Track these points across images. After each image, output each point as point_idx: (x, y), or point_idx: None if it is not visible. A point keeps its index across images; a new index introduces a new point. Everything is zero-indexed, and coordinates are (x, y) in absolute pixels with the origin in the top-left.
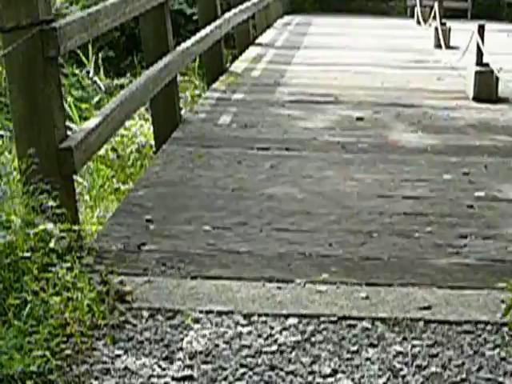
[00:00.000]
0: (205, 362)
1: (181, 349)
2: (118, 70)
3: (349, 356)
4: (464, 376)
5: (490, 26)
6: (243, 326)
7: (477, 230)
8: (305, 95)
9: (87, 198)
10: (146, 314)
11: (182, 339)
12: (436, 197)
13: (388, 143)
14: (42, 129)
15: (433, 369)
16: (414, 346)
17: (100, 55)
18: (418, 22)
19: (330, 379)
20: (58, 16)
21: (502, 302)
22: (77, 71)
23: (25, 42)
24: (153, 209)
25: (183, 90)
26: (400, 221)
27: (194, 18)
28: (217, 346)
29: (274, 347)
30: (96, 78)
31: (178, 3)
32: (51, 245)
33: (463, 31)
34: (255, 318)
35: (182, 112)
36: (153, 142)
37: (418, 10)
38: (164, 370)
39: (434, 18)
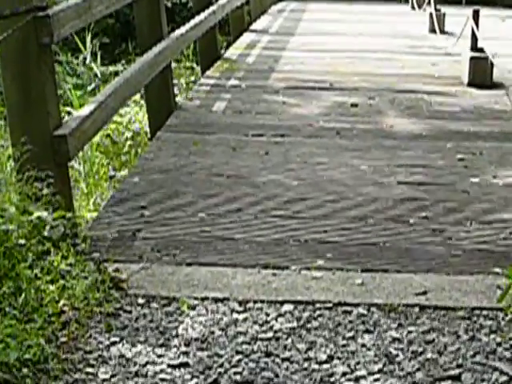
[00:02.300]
0: (200, 349)
1: (176, 336)
2: (113, 56)
3: (344, 342)
4: (460, 361)
5: (484, 12)
6: (239, 312)
7: (472, 215)
8: (299, 81)
9: (83, 185)
10: (141, 301)
11: (177, 326)
12: (431, 182)
13: (383, 129)
14: (36, 116)
15: (428, 355)
16: (409, 332)
17: (94, 42)
18: (413, 8)
19: (326, 365)
20: (51, 2)
21: (498, 287)
22: (71, 58)
23: (18, 29)
24: (148, 196)
25: (178, 77)
26: (395, 207)
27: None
28: (212, 332)
29: (270, 334)
30: (93, 65)
31: None
32: (46, 232)
33: (458, 16)
34: (251, 304)
35: (177, 99)
36: (148, 129)
37: None
38: (160, 357)
39: (429, 3)
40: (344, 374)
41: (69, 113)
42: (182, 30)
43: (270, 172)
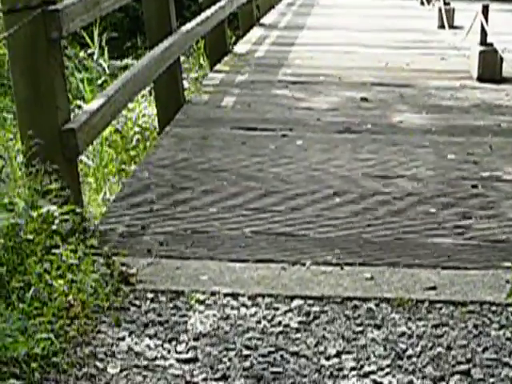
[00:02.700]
0: (209, 344)
1: (185, 331)
2: (122, 51)
3: (354, 337)
4: (469, 356)
5: (494, 6)
6: (248, 307)
7: (481, 210)
8: (308, 76)
9: (91, 180)
10: (150, 295)
11: (186, 321)
12: (441, 177)
13: (392, 123)
14: (45, 110)
15: (438, 349)
16: (418, 327)
17: (103, 37)
18: (422, 3)
19: (335, 360)
20: None
21: (507, 282)
22: (81, 53)
23: (27, 24)
24: (156, 190)
25: (187, 72)
26: (405, 201)
27: None
28: (221, 327)
29: (279, 329)
30: (101, 60)
31: None
32: (55, 227)
33: (467, 11)
34: (260, 299)
35: (186, 93)
36: (157, 124)
37: None
38: (168, 351)
39: None
40: (353, 368)
41: (79, 106)
42: (191, 24)
43: (280, 167)
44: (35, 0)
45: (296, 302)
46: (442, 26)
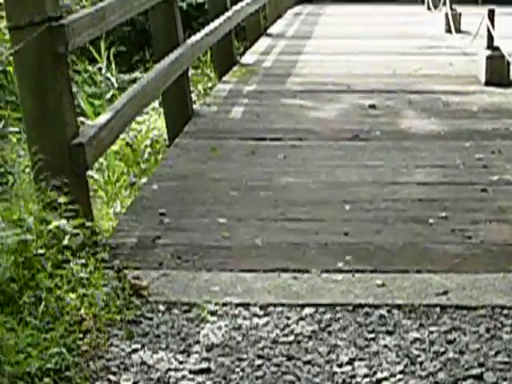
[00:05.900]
0: (222, 355)
1: (197, 342)
2: (130, 64)
3: (366, 344)
4: (482, 360)
5: (500, 10)
6: (259, 317)
7: (491, 214)
8: (316, 85)
9: (102, 193)
10: (162, 307)
11: (198, 332)
12: (450, 182)
13: (401, 130)
14: (53, 126)
15: (450, 354)
16: (430, 332)
17: (112, 50)
18: (429, 8)
19: (348, 367)
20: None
21: None
22: (89, 67)
23: (33, 40)
24: (167, 202)
25: (195, 83)
26: (414, 207)
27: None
28: (233, 338)
29: (291, 337)
30: (108, 74)
31: None
32: (65, 241)
33: (474, 16)
34: (271, 308)
35: (195, 105)
36: (166, 136)
37: None
38: (181, 363)
39: (445, 3)
40: (366, 375)
41: (82, 123)
42: (198, 36)
43: (289, 176)
44: (39, 16)
45: (307, 310)
46: (449, 31)
